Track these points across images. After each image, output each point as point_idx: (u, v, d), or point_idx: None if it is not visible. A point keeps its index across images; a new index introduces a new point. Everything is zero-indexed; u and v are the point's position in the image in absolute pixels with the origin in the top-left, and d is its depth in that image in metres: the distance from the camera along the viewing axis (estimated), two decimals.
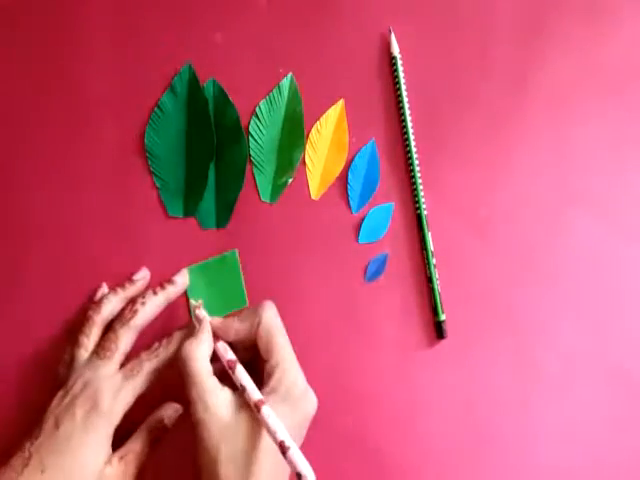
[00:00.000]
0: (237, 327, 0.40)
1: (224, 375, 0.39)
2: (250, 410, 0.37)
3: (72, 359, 0.41)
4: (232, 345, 0.40)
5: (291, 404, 0.38)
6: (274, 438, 0.35)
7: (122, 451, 0.39)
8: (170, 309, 0.44)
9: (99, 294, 0.44)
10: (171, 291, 0.43)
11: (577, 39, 0.47)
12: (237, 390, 0.38)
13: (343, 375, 0.45)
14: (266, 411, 0.36)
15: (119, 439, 0.39)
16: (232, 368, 0.39)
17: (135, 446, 0.39)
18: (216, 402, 0.37)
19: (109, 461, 0.38)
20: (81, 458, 0.37)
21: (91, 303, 0.43)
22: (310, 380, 0.42)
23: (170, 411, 0.42)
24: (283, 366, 0.38)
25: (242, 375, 0.38)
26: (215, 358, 0.40)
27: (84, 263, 0.44)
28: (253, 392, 0.37)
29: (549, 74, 0.47)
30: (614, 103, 0.47)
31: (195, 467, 0.37)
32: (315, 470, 0.42)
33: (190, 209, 0.45)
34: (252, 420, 0.37)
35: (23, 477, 0.36)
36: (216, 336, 0.40)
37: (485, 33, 0.47)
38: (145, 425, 0.41)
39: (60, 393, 0.39)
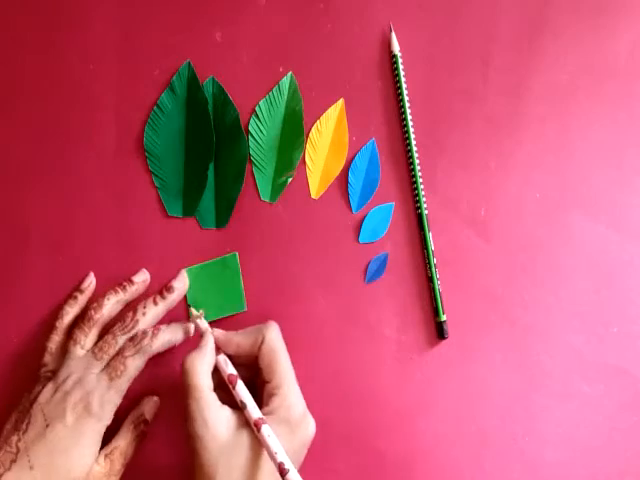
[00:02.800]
0: (239, 341, 0.40)
1: (224, 391, 0.39)
2: (250, 430, 0.37)
3: (65, 352, 0.41)
4: (233, 361, 0.40)
5: (290, 427, 0.37)
6: (273, 459, 0.35)
7: (108, 449, 0.39)
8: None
9: (86, 283, 0.44)
10: (171, 299, 0.43)
11: (579, 39, 0.47)
12: (237, 409, 0.38)
13: (343, 375, 0.45)
14: (266, 431, 0.36)
15: (107, 434, 0.39)
16: (232, 383, 0.38)
17: (120, 443, 0.40)
18: (215, 418, 0.37)
19: (97, 461, 0.38)
20: (71, 459, 0.37)
21: (88, 302, 0.43)
22: (310, 380, 0.42)
23: (149, 405, 0.42)
24: (284, 388, 0.38)
25: (242, 391, 0.38)
26: (215, 372, 0.40)
27: (83, 262, 0.44)
28: (253, 410, 0.37)
29: (550, 73, 0.47)
30: (615, 104, 0.47)
31: None
32: (314, 470, 0.42)
33: (189, 209, 0.45)
34: (252, 440, 0.37)
35: (12, 472, 0.36)
36: (217, 348, 0.40)
37: (487, 32, 0.47)
38: (128, 421, 0.41)
39: (49, 386, 0.39)
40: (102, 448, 0.39)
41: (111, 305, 0.42)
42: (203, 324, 0.41)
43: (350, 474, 0.44)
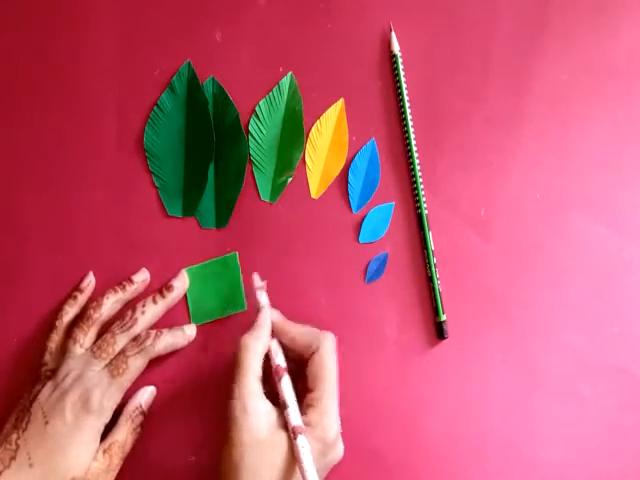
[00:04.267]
0: (295, 336, 0.39)
1: (268, 383, 0.38)
2: (286, 434, 0.35)
3: (64, 351, 0.41)
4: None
5: (323, 448, 0.36)
6: (303, 474, 0.33)
7: (106, 444, 0.39)
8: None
9: (85, 282, 0.44)
10: (170, 298, 0.43)
11: (579, 39, 0.47)
12: (277, 406, 0.37)
13: (343, 375, 0.44)
14: (301, 442, 0.34)
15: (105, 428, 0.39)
16: (279, 375, 0.37)
17: (118, 437, 0.40)
18: (255, 409, 0.35)
19: (96, 457, 0.38)
20: (70, 456, 0.37)
21: (88, 301, 0.43)
22: None
23: (146, 395, 0.42)
24: (326, 404, 0.37)
25: (287, 388, 0.37)
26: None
27: (83, 262, 0.44)
28: (294, 414, 0.36)
29: (550, 73, 0.47)
30: (615, 103, 0.47)
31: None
32: None
33: (189, 209, 0.45)
34: (286, 446, 0.35)
35: (10, 470, 0.36)
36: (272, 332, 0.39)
37: (487, 31, 0.47)
38: (125, 414, 0.41)
39: (49, 384, 0.39)
40: (100, 444, 0.39)
41: (110, 304, 0.42)
42: (263, 299, 0.40)
43: (349, 474, 0.44)
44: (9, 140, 0.45)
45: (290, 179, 0.46)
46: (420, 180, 0.45)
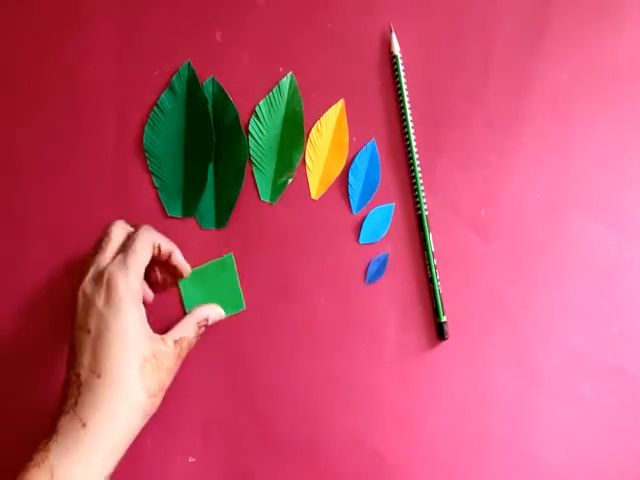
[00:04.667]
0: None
1: None
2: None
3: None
4: None
5: None
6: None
7: (176, 335, 0.39)
8: (167, 311, 0.44)
9: None
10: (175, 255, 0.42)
11: (580, 39, 0.47)
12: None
13: (343, 376, 0.45)
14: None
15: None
16: None
17: (188, 333, 0.39)
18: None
19: (164, 342, 0.38)
20: (127, 345, 0.35)
21: None
22: (310, 380, 0.42)
23: (215, 314, 0.42)
24: None
25: None
26: None
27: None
28: None
29: (551, 74, 0.47)
30: (617, 104, 0.47)
31: None
32: (313, 470, 0.42)
33: (189, 209, 0.45)
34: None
35: (83, 394, 0.35)
36: None
37: (487, 32, 0.47)
38: (193, 318, 0.41)
39: (74, 306, 0.37)
40: (169, 333, 0.38)
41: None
42: None
43: (349, 475, 0.44)
44: (10, 140, 0.45)
45: (290, 180, 0.46)
46: (420, 181, 0.45)
